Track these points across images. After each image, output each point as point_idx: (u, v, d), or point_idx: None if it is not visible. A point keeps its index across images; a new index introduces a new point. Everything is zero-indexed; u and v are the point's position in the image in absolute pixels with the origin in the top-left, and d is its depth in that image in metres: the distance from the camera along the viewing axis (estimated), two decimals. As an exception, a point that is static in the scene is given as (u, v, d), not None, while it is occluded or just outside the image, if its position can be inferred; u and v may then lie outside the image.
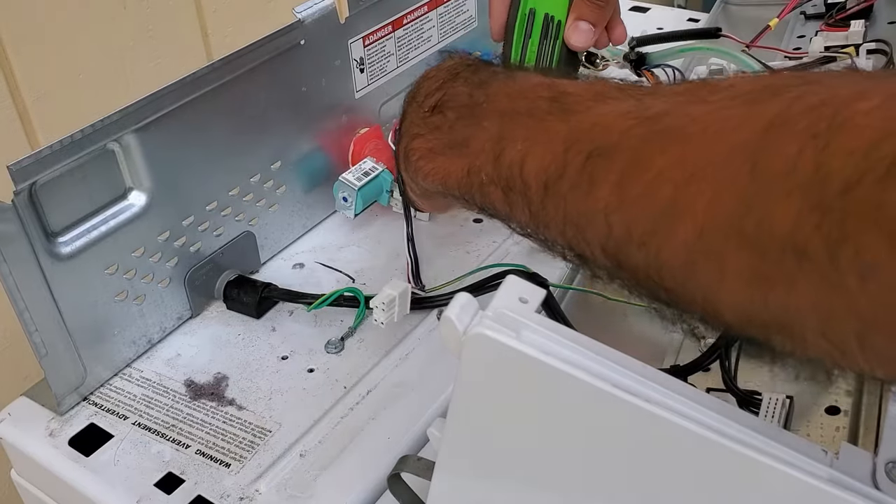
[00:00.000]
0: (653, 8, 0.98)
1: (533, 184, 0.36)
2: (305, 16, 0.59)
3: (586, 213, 0.33)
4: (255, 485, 0.47)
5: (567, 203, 0.34)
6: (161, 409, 0.52)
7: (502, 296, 0.33)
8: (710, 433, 0.29)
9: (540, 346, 0.31)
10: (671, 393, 0.31)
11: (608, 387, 0.30)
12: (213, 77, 0.54)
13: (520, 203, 0.37)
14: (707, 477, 0.30)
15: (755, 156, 0.27)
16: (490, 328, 0.31)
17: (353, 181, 0.61)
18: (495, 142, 0.38)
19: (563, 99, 0.37)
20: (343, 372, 0.54)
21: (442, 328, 0.32)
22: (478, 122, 0.40)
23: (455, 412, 0.34)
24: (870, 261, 0.25)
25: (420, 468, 0.39)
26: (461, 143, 0.41)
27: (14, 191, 0.46)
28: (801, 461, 0.29)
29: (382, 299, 0.53)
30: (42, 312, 0.48)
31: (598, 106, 0.35)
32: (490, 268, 0.57)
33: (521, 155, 0.37)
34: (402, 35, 0.69)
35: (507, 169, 0.37)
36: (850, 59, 0.68)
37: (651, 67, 0.73)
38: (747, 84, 0.31)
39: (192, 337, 0.57)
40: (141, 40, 0.85)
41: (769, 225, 0.27)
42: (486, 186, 0.39)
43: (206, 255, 0.58)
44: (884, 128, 0.25)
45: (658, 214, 0.30)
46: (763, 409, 0.45)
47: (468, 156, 0.40)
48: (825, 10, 0.84)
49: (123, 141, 0.51)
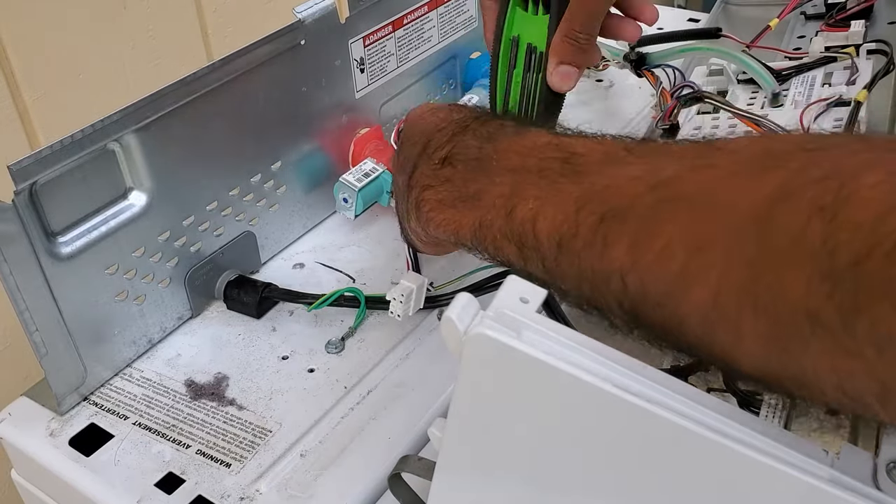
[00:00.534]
0: (652, 8, 0.98)
1: (545, 241, 0.37)
2: (306, 16, 0.59)
3: (602, 271, 0.34)
4: (255, 485, 0.47)
5: (581, 261, 0.35)
6: (161, 409, 0.52)
7: (503, 296, 0.33)
8: (712, 434, 0.29)
9: (541, 346, 0.31)
10: (672, 393, 0.30)
11: (609, 387, 0.30)
12: (214, 77, 0.54)
13: (534, 258, 0.38)
14: (708, 477, 0.30)
15: (763, 226, 0.28)
16: (491, 328, 0.31)
17: (354, 182, 0.61)
18: (507, 198, 0.39)
19: (573, 160, 0.38)
20: (343, 372, 0.54)
21: (443, 328, 0.32)
22: (489, 177, 0.41)
23: (456, 412, 0.34)
24: (886, 333, 0.25)
25: (421, 468, 0.39)
26: (472, 196, 0.42)
27: (14, 191, 0.45)
28: (802, 461, 0.29)
29: (401, 291, 0.53)
30: (42, 312, 0.48)
31: (608, 168, 0.36)
32: (490, 268, 0.57)
33: (533, 213, 0.37)
34: (402, 35, 0.69)
35: (519, 225, 0.38)
36: (850, 59, 0.68)
37: (651, 67, 0.73)
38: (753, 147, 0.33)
39: (192, 337, 0.57)
40: (141, 40, 0.85)
41: (781, 291, 0.28)
42: (499, 241, 0.40)
43: (206, 255, 0.58)
44: (889, 202, 0.25)
45: (672, 278, 0.31)
46: (763, 409, 0.45)
47: (480, 209, 0.41)
48: (825, 10, 0.84)
49: (124, 141, 0.51)
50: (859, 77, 0.65)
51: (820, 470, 0.29)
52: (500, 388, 0.32)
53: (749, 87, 0.69)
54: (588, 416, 0.31)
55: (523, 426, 0.33)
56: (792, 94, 0.66)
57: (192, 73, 0.53)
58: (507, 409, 0.33)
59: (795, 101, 0.65)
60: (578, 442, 0.32)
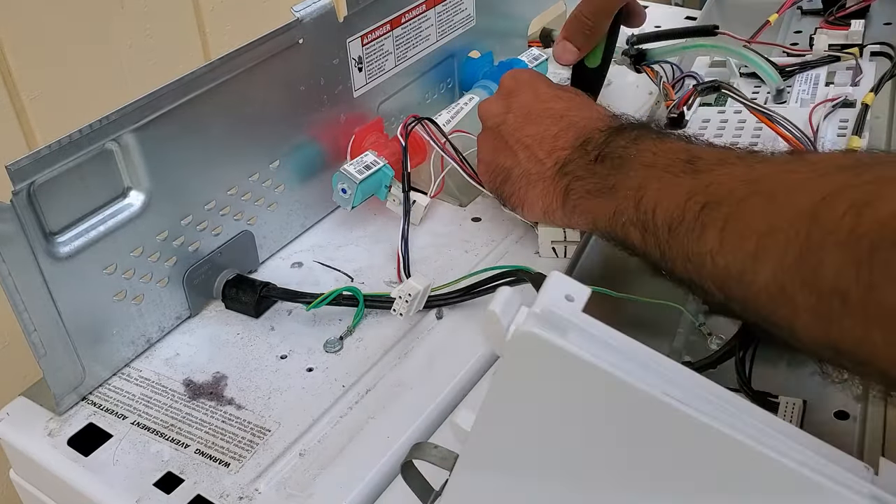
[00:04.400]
0: (650, 6, 0.98)
1: (661, 226, 0.44)
2: (304, 15, 0.59)
3: (698, 253, 0.41)
4: (254, 484, 0.47)
5: (684, 244, 0.42)
6: (160, 408, 0.52)
7: (549, 293, 0.32)
8: (760, 446, 0.29)
9: (589, 349, 0.30)
10: (721, 403, 0.30)
11: (661, 395, 0.30)
12: (212, 76, 0.54)
13: (652, 242, 0.45)
14: (753, 489, 0.30)
15: (811, 219, 0.35)
16: (538, 326, 0.30)
17: (355, 174, 0.61)
18: (636, 189, 0.46)
19: (694, 161, 0.45)
20: (342, 371, 0.54)
21: (486, 323, 0.32)
22: (626, 172, 0.48)
23: (490, 407, 0.33)
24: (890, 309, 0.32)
25: (436, 456, 0.38)
26: (611, 188, 0.49)
27: (12, 191, 0.45)
28: (844, 477, 0.29)
29: (408, 291, 0.54)
30: (41, 312, 0.48)
31: (719, 168, 0.43)
32: (485, 270, 0.57)
33: (654, 202, 0.45)
34: (400, 34, 0.69)
35: (643, 213, 0.45)
36: (853, 59, 0.68)
37: (650, 64, 0.73)
38: (828, 160, 0.41)
39: (190, 336, 0.57)
40: (139, 40, 0.85)
41: (821, 272, 0.34)
42: (627, 227, 0.47)
43: (204, 255, 0.58)
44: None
45: (747, 257, 0.38)
46: (780, 412, 0.45)
47: (616, 199, 0.48)
48: (822, 6, 0.84)
49: (122, 140, 0.51)
50: (863, 78, 0.65)
51: (861, 486, 0.29)
52: (541, 386, 0.32)
53: (752, 82, 0.69)
54: (633, 422, 0.31)
55: (560, 426, 0.32)
56: (796, 91, 0.66)
57: (190, 72, 0.53)
58: (545, 408, 0.32)
59: (801, 98, 0.65)
60: (618, 446, 0.31)
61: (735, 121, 0.65)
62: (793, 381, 0.49)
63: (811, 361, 0.49)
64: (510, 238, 0.64)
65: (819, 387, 0.48)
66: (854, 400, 0.48)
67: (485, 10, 0.77)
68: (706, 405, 0.30)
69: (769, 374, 0.49)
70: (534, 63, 0.77)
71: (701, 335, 0.52)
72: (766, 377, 0.49)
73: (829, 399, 0.48)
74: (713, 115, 0.67)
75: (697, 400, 0.30)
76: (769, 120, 0.58)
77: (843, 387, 0.48)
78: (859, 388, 0.48)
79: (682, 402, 0.30)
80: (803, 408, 0.45)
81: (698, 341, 0.52)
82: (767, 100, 0.67)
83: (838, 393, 0.48)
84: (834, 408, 0.47)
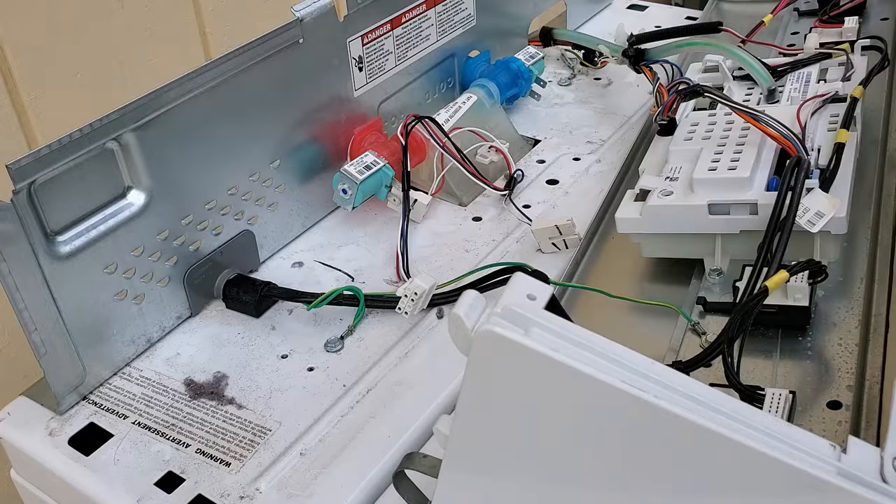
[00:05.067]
0: (651, 6, 0.98)
1: None
2: (304, 14, 0.59)
3: None
4: (255, 483, 0.47)
5: None
6: (161, 408, 0.52)
7: (510, 293, 0.33)
8: (721, 429, 0.29)
9: (550, 343, 0.31)
10: (681, 389, 0.31)
11: (618, 383, 0.30)
12: (212, 76, 0.54)
13: None
14: (716, 472, 0.30)
15: None
16: (499, 325, 0.31)
17: (355, 174, 0.61)
18: None
19: None
20: (343, 371, 0.54)
21: (450, 325, 0.32)
22: None
23: (463, 409, 0.33)
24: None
25: (426, 466, 0.39)
26: None
27: (13, 190, 0.45)
28: (809, 455, 0.29)
29: (414, 290, 0.54)
30: (41, 312, 0.48)
31: None
32: (489, 267, 0.57)
33: None
34: (400, 33, 0.69)
35: None
36: (844, 55, 0.68)
37: (649, 63, 0.73)
38: None
39: (191, 336, 0.57)
40: (139, 39, 0.85)
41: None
42: None
43: (205, 254, 0.58)
44: None
45: None
46: (766, 404, 0.45)
47: None
48: (818, 6, 0.84)
49: (122, 140, 0.51)
50: (854, 74, 0.66)
51: (827, 464, 0.29)
52: (508, 384, 0.32)
53: (745, 84, 0.69)
54: (596, 412, 0.31)
55: (531, 422, 0.33)
56: (788, 90, 0.66)
57: (190, 71, 0.53)
58: (514, 405, 0.33)
59: (791, 97, 0.65)
60: (586, 437, 0.32)
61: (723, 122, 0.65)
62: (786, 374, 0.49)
63: (803, 352, 0.50)
64: (510, 238, 0.64)
65: (812, 378, 0.48)
66: (846, 389, 0.48)
67: (485, 9, 0.77)
68: (665, 391, 0.30)
69: (761, 367, 0.49)
70: (530, 61, 0.77)
71: (696, 335, 0.53)
72: (758, 371, 0.49)
73: (821, 389, 0.48)
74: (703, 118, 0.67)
75: (658, 387, 0.30)
76: (755, 120, 0.58)
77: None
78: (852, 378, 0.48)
79: (641, 389, 0.30)
80: (792, 399, 0.45)
81: (694, 341, 0.52)
82: (760, 101, 0.67)
83: (831, 383, 0.48)
84: (826, 398, 0.47)
